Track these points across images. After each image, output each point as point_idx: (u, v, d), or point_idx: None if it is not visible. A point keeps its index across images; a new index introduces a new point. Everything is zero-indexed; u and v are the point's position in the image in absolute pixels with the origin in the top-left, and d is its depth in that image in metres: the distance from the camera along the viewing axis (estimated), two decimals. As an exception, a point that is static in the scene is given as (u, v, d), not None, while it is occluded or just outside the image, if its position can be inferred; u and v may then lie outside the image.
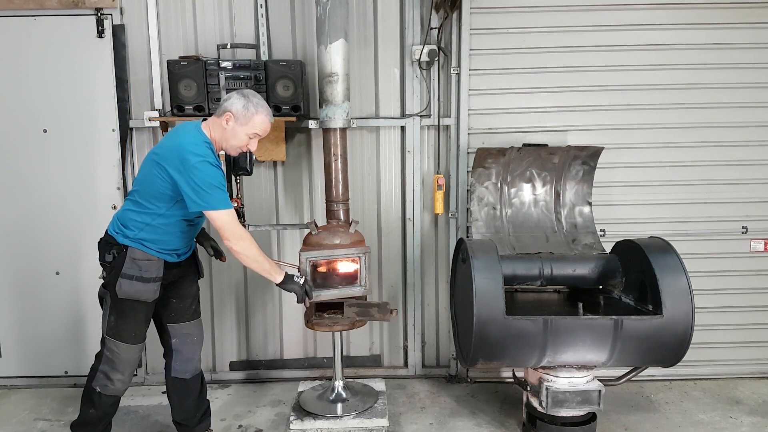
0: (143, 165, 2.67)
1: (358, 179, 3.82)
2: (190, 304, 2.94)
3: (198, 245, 3.00)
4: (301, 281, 2.93)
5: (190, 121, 3.56)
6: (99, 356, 2.74)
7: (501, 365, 3.37)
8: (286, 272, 2.87)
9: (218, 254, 3.00)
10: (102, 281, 2.72)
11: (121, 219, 2.67)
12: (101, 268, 2.72)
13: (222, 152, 2.83)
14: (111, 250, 2.64)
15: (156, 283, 2.66)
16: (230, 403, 3.66)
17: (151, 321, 2.84)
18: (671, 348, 2.83)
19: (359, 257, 3.19)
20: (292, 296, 3.82)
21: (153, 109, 3.71)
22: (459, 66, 3.66)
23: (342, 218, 3.37)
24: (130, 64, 3.71)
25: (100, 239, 2.72)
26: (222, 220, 2.57)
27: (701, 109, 3.72)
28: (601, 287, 3.31)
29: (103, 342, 2.72)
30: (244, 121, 2.64)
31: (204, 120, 2.75)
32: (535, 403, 3.05)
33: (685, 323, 2.78)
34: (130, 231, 2.63)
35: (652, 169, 3.76)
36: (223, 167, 2.78)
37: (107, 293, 2.68)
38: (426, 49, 3.63)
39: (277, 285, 2.88)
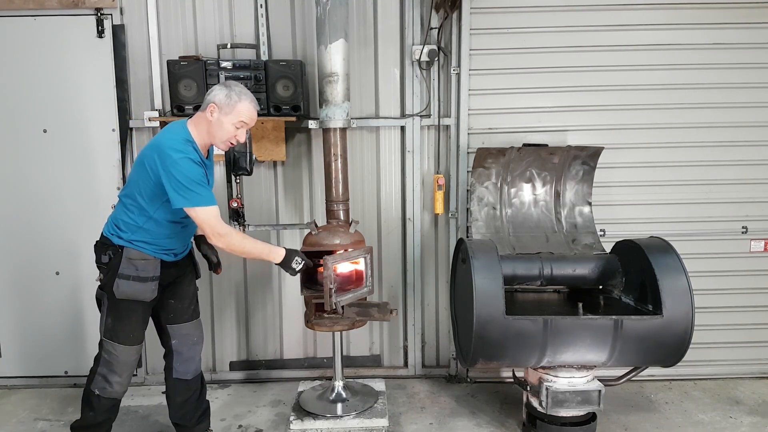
0: (134, 166, 2.67)
1: (358, 179, 3.82)
2: (188, 305, 2.92)
3: (195, 248, 2.99)
4: (299, 266, 2.82)
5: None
6: (97, 359, 2.74)
7: (501, 365, 3.37)
8: (285, 249, 2.79)
9: (213, 266, 2.96)
10: (99, 283, 2.71)
11: (115, 221, 2.67)
12: (98, 271, 2.71)
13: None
14: (107, 251, 2.64)
15: (153, 282, 2.65)
16: (230, 403, 3.66)
17: (150, 322, 2.83)
18: (671, 348, 2.84)
19: (363, 258, 3.20)
20: (292, 296, 3.89)
21: (153, 109, 3.71)
22: (459, 66, 3.66)
23: (342, 218, 3.37)
24: (130, 64, 3.71)
25: (96, 242, 2.71)
26: (201, 217, 2.53)
27: (701, 109, 3.72)
28: (601, 287, 3.31)
29: (100, 344, 2.72)
30: (228, 110, 2.58)
31: (190, 117, 2.71)
32: (535, 403, 3.05)
33: (685, 323, 2.78)
34: (124, 233, 2.62)
35: (652, 169, 3.76)
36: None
37: (104, 295, 2.67)
38: (426, 49, 3.63)
39: (276, 264, 2.80)
